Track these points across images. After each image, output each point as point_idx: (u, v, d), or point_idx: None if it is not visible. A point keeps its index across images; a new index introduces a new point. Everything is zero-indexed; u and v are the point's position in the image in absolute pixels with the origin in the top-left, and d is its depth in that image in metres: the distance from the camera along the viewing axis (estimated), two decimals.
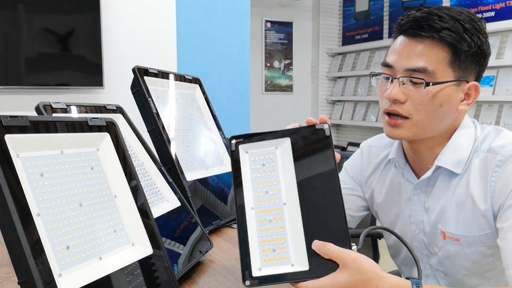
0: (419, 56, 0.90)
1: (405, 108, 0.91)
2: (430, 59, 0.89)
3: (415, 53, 0.90)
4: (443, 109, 0.91)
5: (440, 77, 0.89)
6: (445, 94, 0.90)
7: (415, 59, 0.90)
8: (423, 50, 0.90)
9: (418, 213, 1.03)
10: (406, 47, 0.92)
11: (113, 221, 0.74)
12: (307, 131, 0.79)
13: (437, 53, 0.89)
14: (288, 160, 0.79)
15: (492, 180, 0.90)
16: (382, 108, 0.96)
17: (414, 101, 0.91)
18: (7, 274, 0.99)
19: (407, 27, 0.92)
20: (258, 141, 0.81)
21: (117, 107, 1.04)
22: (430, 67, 0.89)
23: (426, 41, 0.90)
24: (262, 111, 5.30)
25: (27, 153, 0.63)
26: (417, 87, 0.90)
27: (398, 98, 0.91)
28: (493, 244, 0.93)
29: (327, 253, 0.70)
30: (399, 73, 0.92)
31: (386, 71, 0.95)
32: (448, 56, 0.89)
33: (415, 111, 0.91)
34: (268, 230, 0.77)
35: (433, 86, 0.89)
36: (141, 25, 2.90)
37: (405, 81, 0.91)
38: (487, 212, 0.91)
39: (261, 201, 0.79)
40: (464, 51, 0.89)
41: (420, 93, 0.90)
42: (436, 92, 0.90)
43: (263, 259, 0.76)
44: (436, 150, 0.98)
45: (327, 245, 0.71)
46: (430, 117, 0.91)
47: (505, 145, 0.91)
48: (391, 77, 0.93)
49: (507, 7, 3.69)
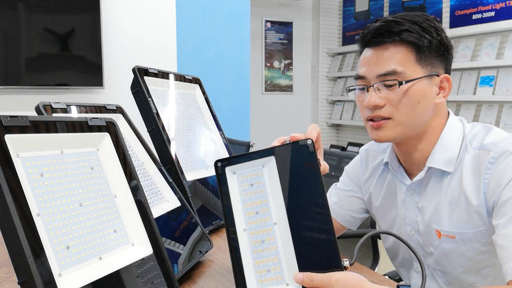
0: (386, 61, 0.95)
1: (386, 111, 0.96)
2: (398, 61, 0.94)
3: (382, 59, 0.95)
4: (421, 104, 0.95)
5: (410, 76, 0.94)
6: (420, 90, 0.95)
7: (383, 65, 0.95)
8: (389, 54, 0.95)
9: (412, 214, 1.04)
10: (373, 56, 0.97)
11: (113, 221, 0.74)
12: (290, 148, 0.79)
13: (402, 54, 0.95)
14: (274, 178, 0.79)
15: (486, 177, 0.91)
16: (364, 118, 1.01)
17: (392, 102, 0.95)
18: (7, 274, 0.99)
19: (369, 38, 0.98)
20: (244, 162, 0.81)
21: (117, 107, 1.04)
22: (399, 69, 0.94)
23: (390, 46, 0.95)
24: (262, 111, 5.30)
25: (27, 153, 0.63)
26: (392, 89, 0.95)
27: (377, 103, 0.95)
28: (488, 241, 0.94)
29: (310, 284, 0.72)
30: (372, 81, 0.97)
31: (360, 83, 1.00)
32: (413, 55, 0.95)
33: (396, 111, 0.95)
34: (261, 251, 0.78)
35: (406, 84, 0.94)
36: (141, 25, 2.90)
37: (379, 87, 0.96)
38: (480, 209, 0.92)
39: (252, 222, 0.79)
40: (427, 47, 0.95)
41: (396, 94, 0.94)
42: (409, 89, 0.94)
43: (259, 280, 0.77)
44: (424, 150, 1.00)
45: (309, 276, 0.72)
46: (410, 114, 0.95)
47: (497, 142, 0.93)
48: (366, 86, 0.98)
49: (507, 7, 3.69)
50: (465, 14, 4.01)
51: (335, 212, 1.18)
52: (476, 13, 3.93)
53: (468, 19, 3.98)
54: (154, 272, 0.77)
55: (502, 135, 0.95)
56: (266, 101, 5.42)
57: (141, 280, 0.74)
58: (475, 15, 3.94)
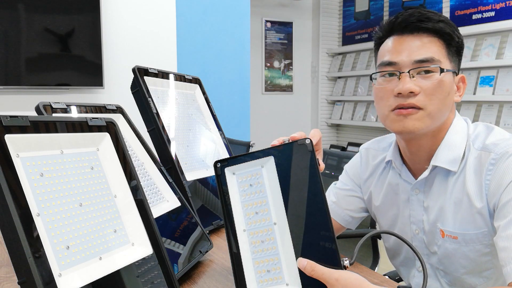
0: (423, 48, 0.93)
1: (420, 99, 0.92)
2: (434, 50, 0.93)
3: (418, 46, 0.93)
4: (449, 98, 0.95)
5: (445, 67, 0.93)
6: (450, 83, 0.94)
7: (420, 51, 0.92)
8: (425, 43, 0.93)
9: (418, 213, 1.03)
10: (406, 43, 0.94)
11: (113, 221, 0.74)
12: (289, 147, 0.78)
13: (436, 45, 0.94)
14: (274, 178, 0.79)
15: (487, 179, 0.91)
16: (390, 107, 0.95)
17: (426, 91, 0.92)
18: (7, 274, 0.99)
19: (405, 24, 0.95)
20: (244, 162, 0.81)
21: (117, 107, 1.04)
22: (436, 57, 0.92)
23: (423, 35, 0.94)
24: (262, 111, 5.30)
25: (27, 153, 0.63)
26: (428, 77, 0.92)
27: (413, 89, 0.91)
28: (490, 243, 0.94)
29: (312, 273, 0.72)
30: (407, 67, 0.93)
31: (390, 69, 0.95)
32: (444, 48, 0.94)
33: (429, 101, 0.92)
34: (261, 251, 0.78)
35: (445, 73, 0.92)
36: (141, 25, 2.90)
37: (413, 74, 0.93)
38: (483, 210, 0.92)
39: (252, 223, 0.79)
40: (455, 43, 0.95)
41: (432, 83, 0.92)
42: (445, 80, 0.93)
43: (259, 280, 0.77)
44: (432, 149, 0.99)
45: (312, 265, 0.72)
46: (440, 106, 0.93)
47: (498, 143, 0.92)
48: (399, 72, 0.93)
49: (507, 7, 3.69)
50: (465, 14, 4.01)
51: (333, 211, 1.17)
52: (476, 13, 3.93)
53: (468, 19, 3.98)
54: (154, 272, 0.77)
55: (504, 135, 0.95)
56: (266, 101, 5.41)
57: (141, 280, 0.74)
58: (475, 15, 3.93)
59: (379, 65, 0.98)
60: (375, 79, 0.99)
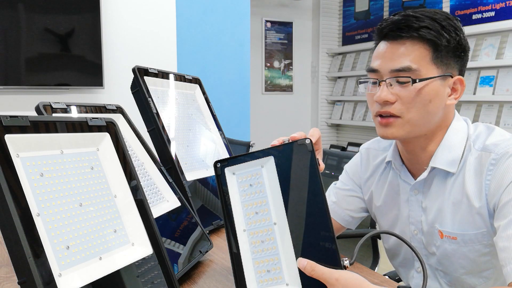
0: (402, 56, 0.93)
1: (396, 108, 0.94)
2: (413, 58, 0.92)
3: (398, 55, 0.93)
4: (432, 104, 0.94)
5: (425, 74, 0.92)
6: (432, 90, 0.93)
7: (399, 60, 0.93)
8: (406, 50, 0.93)
9: (416, 213, 1.04)
10: (389, 50, 0.95)
11: (113, 221, 0.74)
12: (289, 147, 0.78)
13: (419, 51, 0.92)
14: (273, 178, 0.79)
15: (487, 179, 0.91)
16: (373, 112, 0.99)
17: (403, 99, 0.93)
18: (7, 274, 0.99)
19: (387, 31, 0.95)
20: (244, 162, 0.81)
21: (117, 107, 1.04)
22: (414, 66, 0.92)
23: (407, 42, 0.93)
24: (262, 111, 5.30)
25: (27, 153, 0.63)
26: (405, 86, 0.93)
27: (388, 99, 0.93)
28: (489, 243, 0.94)
29: (312, 274, 0.72)
30: (385, 76, 0.94)
31: (373, 76, 0.97)
32: (429, 54, 0.92)
33: (406, 109, 0.93)
34: (261, 251, 0.78)
35: (419, 83, 0.92)
36: (141, 25, 2.90)
37: (392, 82, 0.94)
38: (482, 210, 0.92)
39: (252, 223, 0.79)
40: (444, 47, 0.93)
41: (408, 91, 0.92)
42: (422, 88, 0.92)
43: (259, 280, 0.77)
44: (430, 150, 0.99)
45: (312, 265, 0.72)
46: (421, 113, 0.93)
47: (499, 143, 0.92)
48: (378, 80, 0.95)
49: (507, 7, 3.69)
50: (465, 14, 4.01)
51: (333, 211, 1.17)
52: (476, 13, 3.93)
53: (468, 19, 3.98)
54: (154, 272, 0.77)
55: (504, 136, 0.95)
56: (266, 101, 5.41)
57: (141, 280, 0.74)
58: (475, 15, 3.94)
59: (366, 69, 1.00)
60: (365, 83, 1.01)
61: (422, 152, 1.00)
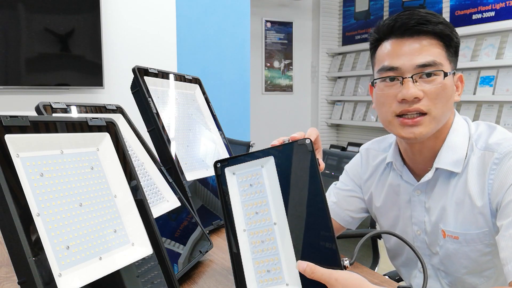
0: (424, 51, 0.91)
1: (424, 104, 0.91)
2: (435, 53, 0.92)
3: (419, 50, 0.92)
4: (451, 100, 0.95)
5: (446, 69, 0.92)
6: (452, 85, 0.95)
7: (422, 55, 0.91)
8: (425, 46, 0.92)
9: (419, 214, 1.03)
10: (406, 47, 0.92)
11: (113, 221, 0.74)
12: (289, 147, 0.78)
13: (437, 47, 0.93)
14: (273, 178, 0.79)
15: (490, 178, 0.90)
16: (392, 113, 0.95)
17: (430, 95, 0.91)
18: (7, 274, 0.99)
19: (405, 27, 0.93)
20: (244, 162, 0.81)
21: (117, 107, 1.04)
22: (437, 60, 0.92)
23: (423, 38, 0.92)
24: (262, 111, 5.30)
25: (27, 153, 0.63)
26: (431, 81, 0.91)
27: (418, 95, 0.90)
28: (491, 242, 0.94)
29: (312, 276, 0.72)
30: (409, 72, 0.92)
31: (392, 74, 0.94)
32: (443, 50, 0.93)
33: (433, 105, 0.92)
34: (261, 251, 0.78)
35: (448, 77, 0.92)
36: (141, 25, 2.90)
37: (416, 79, 0.91)
38: (484, 210, 0.92)
39: (252, 223, 0.79)
40: (454, 44, 0.94)
41: (436, 87, 0.91)
42: (447, 83, 0.93)
43: (259, 280, 0.77)
44: (434, 150, 0.98)
45: (312, 267, 0.72)
46: (444, 109, 0.93)
47: (501, 142, 0.92)
48: (402, 77, 0.92)
49: (507, 7, 3.69)
50: (465, 14, 4.01)
51: (334, 212, 1.17)
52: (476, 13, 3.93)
53: (468, 19, 3.98)
54: (154, 272, 0.77)
55: (506, 134, 0.95)
56: (266, 101, 5.41)
57: (141, 280, 0.74)
58: (475, 15, 3.93)
59: (379, 70, 0.96)
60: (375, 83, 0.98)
61: (426, 152, 0.99)
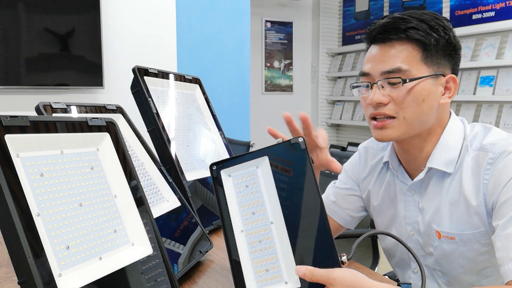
0: (392, 58, 0.94)
1: (390, 108, 0.95)
2: (403, 59, 0.93)
3: (388, 57, 0.95)
4: (426, 103, 0.94)
5: (415, 74, 0.93)
6: (424, 89, 0.94)
7: (388, 62, 0.94)
8: (395, 52, 0.94)
9: (413, 214, 1.04)
10: (378, 53, 0.96)
11: (113, 221, 0.74)
12: (283, 147, 0.80)
13: (408, 52, 0.94)
14: (269, 178, 0.79)
15: (485, 178, 0.91)
16: (367, 116, 1.00)
17: (395, 100, 0.94)
18: (7, 274, 0.99)
19: (375, 34, 0.97)
20: (239, 163, 0.82)
21: (117, 107, 1.04)
22: (404, 66, 0.93)
23: (396, 44, 0.94)
24: (262, 111, 5.30)
25: (27, 153, 0.63)
26: (396, 87, 0.94)
27: (380, 100, 0.94)
28: (487, 242, 0.94)
29: (312, 279, 0.72)
30: (377, 78, 0.96)
31: (365, 80, 0.99)
32: (419, 54, 0.94)
33: (400, 109, 0.94)
34: (259, 251, 0.78)
35: (410, 83, 0.93)
36: (141, 25, 2.90)
37: (383, 84, 0.95)
38: (480, 210, 0.92)
39: (249, 223, 0.80)
40: (434, 46, 0.94)
41: (400, 92, 0.93)
42: (413, 87, 0.93)
43: (258, 280, 0.77)
44: (427, 150, 0.99)
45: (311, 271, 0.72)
46: (415, 113, 0.94)
47: (496, 142, 0.92)
48: (370, 83, 0.97)
49: (507, 7, 3.69)
50: (465, 14, 4.01)
51: (333, 211, 1.18)
52: (476, 13, 3.93)
53: (468, 19, 3.98)
54: (154, 272, 0.77)
55: (501, 135, 0.95)
56: (266, 101, 5.42)
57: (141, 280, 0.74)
58: (475, 15, 3.94)
59: (359, 74, 1.02)
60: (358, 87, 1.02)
61: (418, 152, 1.00)
